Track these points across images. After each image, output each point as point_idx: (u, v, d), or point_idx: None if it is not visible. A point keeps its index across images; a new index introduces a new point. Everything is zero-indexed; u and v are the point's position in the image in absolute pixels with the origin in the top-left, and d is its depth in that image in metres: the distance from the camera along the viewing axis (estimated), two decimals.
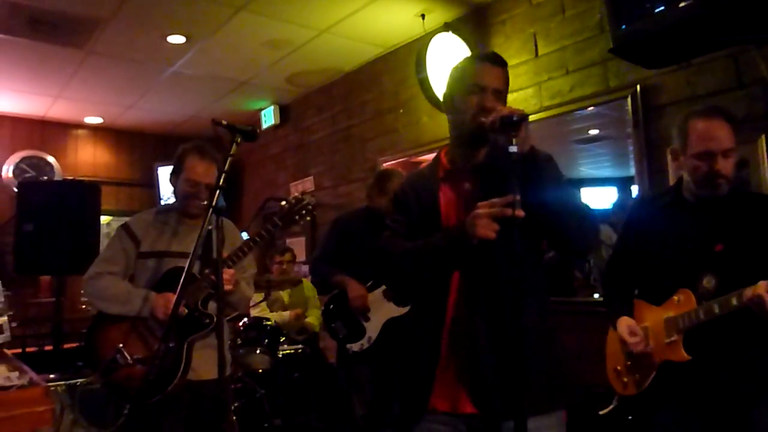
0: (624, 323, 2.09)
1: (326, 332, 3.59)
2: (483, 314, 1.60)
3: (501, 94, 1.69)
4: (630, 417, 2.37)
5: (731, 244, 1.92)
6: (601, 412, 2.23)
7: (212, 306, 2.43)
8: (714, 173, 1.92)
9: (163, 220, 2.60)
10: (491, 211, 1.49)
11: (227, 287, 2.35)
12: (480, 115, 1.60)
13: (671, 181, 2.93)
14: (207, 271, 2.41)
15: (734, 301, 1.79)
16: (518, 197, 1.42)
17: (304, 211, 2.53)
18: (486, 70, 1.69)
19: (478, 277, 1.63)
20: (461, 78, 1.73)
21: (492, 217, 1.48)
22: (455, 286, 1.66)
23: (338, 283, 3.40)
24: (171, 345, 2.32)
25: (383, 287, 3.35)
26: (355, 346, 3.33)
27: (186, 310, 2.35)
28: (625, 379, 2.13)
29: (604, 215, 3.47)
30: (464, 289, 1.64)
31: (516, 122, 1.44)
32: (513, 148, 1.43)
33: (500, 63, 1.73)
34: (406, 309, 3.36)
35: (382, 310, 3.34)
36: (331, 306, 3.48)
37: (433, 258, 1.64)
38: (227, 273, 2.37)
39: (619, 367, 2.17)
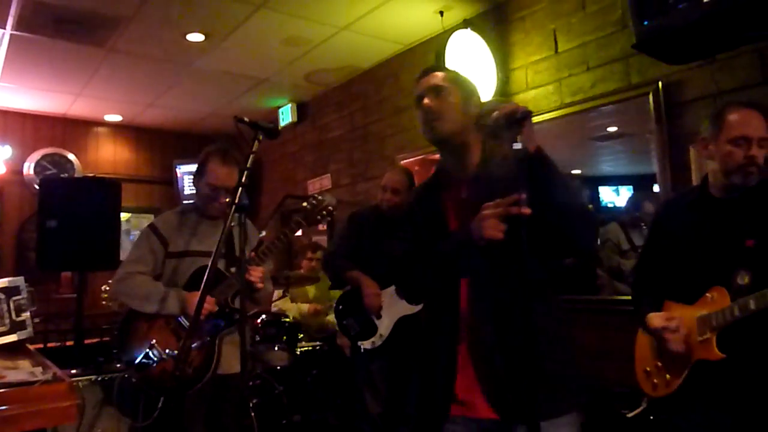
0: (655, 316, 2.04)
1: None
2: (493, 317, 1.60)
3: (438, 90, 1.72)
4: (651, 417, 2.34)
5: (762, 239, 1.88)
6: (629, 415, 2.20)
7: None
8: (749, 159, 1.90)
9: (187, 220, 2.67)
10: (497, 211, 1.48)
11: (258, 285, 2.44)
12: (428, 123, 1.71)
13: (694, 178, 2.89)
14: (233, 269, 2.49)
15: None
16: (524, 195, 1.41)
17: (324, 212, 2.61)
18: (420, 83, 1.77)
19: (487, 280, 1.63)
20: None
21: (498, 217, 1.48)
22: (465, 289, 1.66)
23: (352, 279, 3.41)
24: (207, 339, 2.43)
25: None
26: (366, 344, 3.35)
27: (217, 307, 2.43)
28: (656, 380, 2.08)
29: (615, 214, 3.45)
30: (474, 293, 1.65)
31: (519, 119, 1.44)
32: (518, 145, 1.43)
33: (433, 69, 1.80)
34: (418, 307, 3.36)
35: (394, 308, 3.34)
36: (343, 303, 3.49)
37: (440, 263, 1.64)
38: (257, 271, 2.45)
39: (648, 368, 2.13)
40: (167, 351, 2.39)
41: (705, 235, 2.00)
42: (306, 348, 4.27)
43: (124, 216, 4.81)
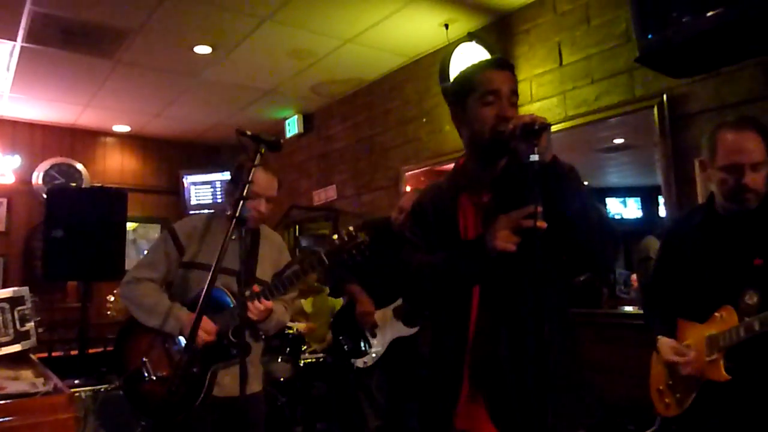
0: (665, 344, 2.02)
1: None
2: (505, 331, 1.54)
3: (515, 98, 1.60)
4: None
5: None
6: None
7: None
8: (741, 187, 1.86)
9: (212, 228, 2.45)
10: (510, 223, 1.45)
11: (255, 317, 2.24)
12: (499, 124, 1.51)
13: (698, 191, 2.88)
14: (248, 293, 2.23)
15: None
16: (539, 208, 1.36)
17: (354, 251, 2.25)
18: (497, 76, 1.59)
19: (499, 292, 1.56)
20: (472, 87, 1.61)
21: (512, 229, 1.44)
22: (476, 301, 1.59)
23: (350, 292, 3.40)
24: (194, 370, 2.23)
25: (393, 305, 3.34)
26: (359, 362, 3.32)
27: (215, 338, 2.23)
28: (667, 400, 2.05)
29: (654, 227, 3.40)
30: (485, 305, 1.58)
31: (537, 131, 1.38)
32: (534, 158, 1.37)
33: (508, 66, 1.65)
34: (413, 330, 3.33)
35: (390, 328, 3.32)
36: (339, 318, 3.48)
37: (451, 272, 1.58)
38: (262, 305, 2.24)
39: (661, 387, 2.09)
40: (158, 373, 2.26)
41: (713, 254, 1.96)
42: (309, 360, 4.26)
43: (130, 226, 4.84)
